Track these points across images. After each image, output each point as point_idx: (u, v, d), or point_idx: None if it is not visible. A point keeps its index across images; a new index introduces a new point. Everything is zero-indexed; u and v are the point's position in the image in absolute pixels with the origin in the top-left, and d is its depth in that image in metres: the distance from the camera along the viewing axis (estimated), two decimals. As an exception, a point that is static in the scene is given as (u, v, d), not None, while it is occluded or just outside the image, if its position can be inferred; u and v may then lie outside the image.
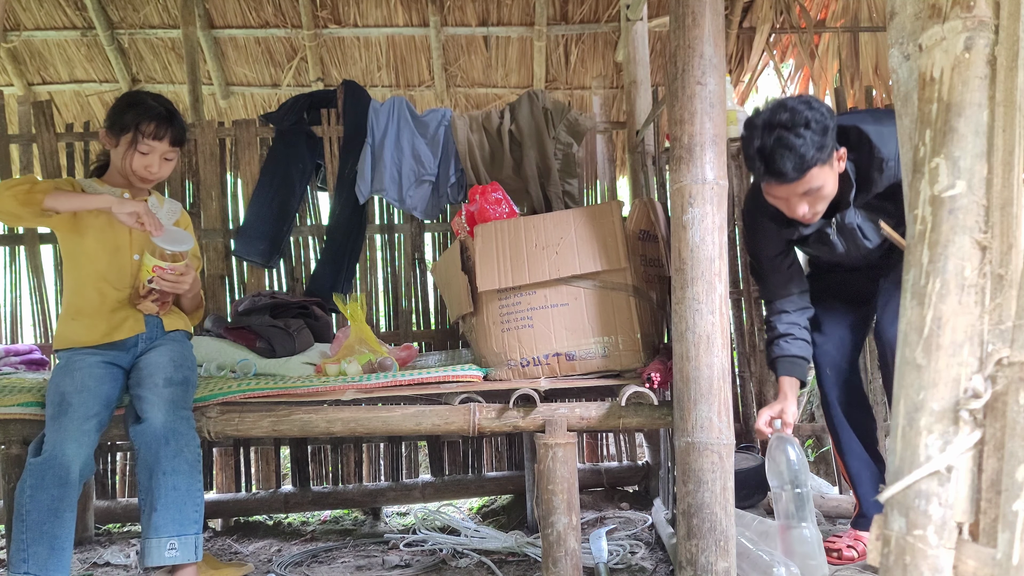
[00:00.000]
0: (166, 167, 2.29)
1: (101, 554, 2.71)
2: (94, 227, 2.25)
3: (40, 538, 1.93)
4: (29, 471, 1.98)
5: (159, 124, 2.22)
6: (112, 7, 4.41)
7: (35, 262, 3.43)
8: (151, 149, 2.23)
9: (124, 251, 2.28)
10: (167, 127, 2.24)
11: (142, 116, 2.21)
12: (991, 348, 0.84)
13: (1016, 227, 0.85)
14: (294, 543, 2.94)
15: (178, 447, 2.06)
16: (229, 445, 3.39)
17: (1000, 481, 0.79)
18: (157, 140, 2.23)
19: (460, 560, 2.58)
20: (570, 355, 2.29)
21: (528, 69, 4.69)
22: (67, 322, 2.27)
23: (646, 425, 2.25)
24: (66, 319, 2.28)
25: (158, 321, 2.33)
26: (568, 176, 3.34)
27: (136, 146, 2.22)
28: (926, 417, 0.84)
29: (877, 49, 4.47)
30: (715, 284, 1.89)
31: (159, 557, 2.01)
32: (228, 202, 3.51)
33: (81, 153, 3.51)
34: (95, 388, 2.10)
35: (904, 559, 0.83)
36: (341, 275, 3.44)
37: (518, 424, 2.19)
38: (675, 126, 1.93)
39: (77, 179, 2.34)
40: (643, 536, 2.74)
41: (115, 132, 2.25)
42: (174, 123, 2.26)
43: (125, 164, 2.24)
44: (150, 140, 2.22)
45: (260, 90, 4.80)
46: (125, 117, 2.23)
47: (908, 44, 1.06)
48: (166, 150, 2.26)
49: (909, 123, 1.04)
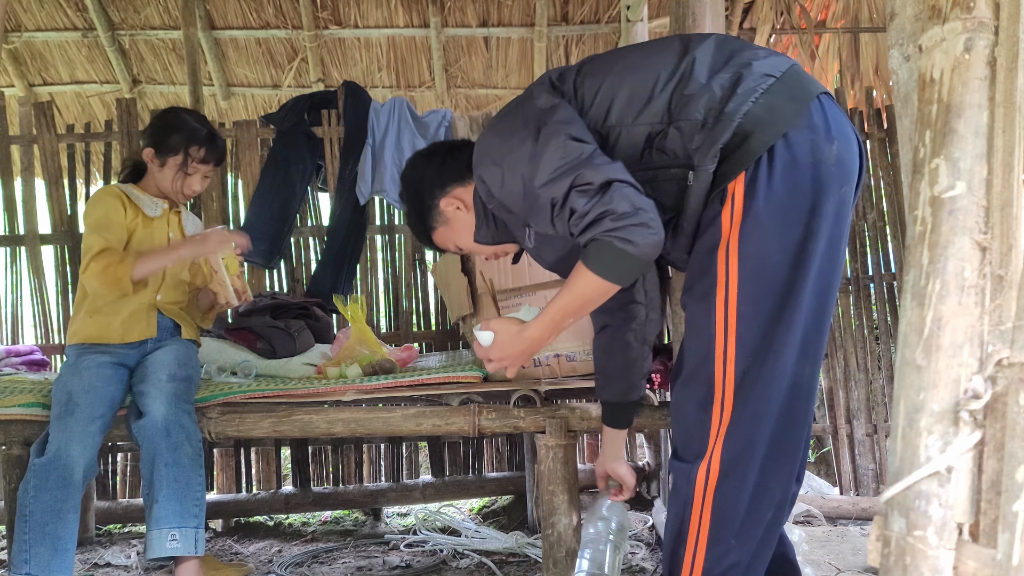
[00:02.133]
0: (204, 184, 2.39)
1: (102, 555, 2.72)
2: (139, 233, 2.31)
3: (43, 539, 1.93)
4: (33, 471, 1.98)
5: (208, 149, 2.31)
6: (113, 8, 4.41)
7: (36, 263, 3.44)
8: (196, 171, 2.32)
9: None
10: (215, 151, 2.33)
11: (191, 140, 2.29)
12: (991, 349, 0.84)
13: (1016, 228, 0.85)
14: (295, 544, 2.94)
15: (179, 440, 2.07)
16: (230, 446, 3.39)
17: (1000, 482, 0.79)
18: (206, 164, 2.33)
19: (461, 561, 2.58)
20: (570, 356, 2.29)
21: (528, 70, 4.69)
22: (84, 318, 2.29)
23: (646, 426, 2.25)
24: (84, 315, 2.30)
25: (173, 329, 2.36)
26: (568, 177, 3.34)
27: (186, 170, 2.30)
28: (926, 418, 0.84)
29: (877, 50, 4.47)
30: (715, 285, 1.89)
31: (160, 548, 2.02)
32: (229, 203, 3.51)
33: (82, 154, 3.52)
34: (102, 389, 2.11)
35: (904, 560, 0.83)
36: (342, 276, 3.44)
37: (519, 425, 2.20)
38: (675, 127, 1.92)
39: (119, 186, 2.39)
40: (643, 537, 2.74)
41: (163, 154, 2.30)
42: (219, 144, 2.35)
43: (171, 185, 2.32)
44: (198, 164, 2.31)
45: (261, 91, 4.81)
46: (172, 140, 2.29)
47: (908, 45, 1.06)
48: (208, 170, 2.36)
49: (909, 124, 1.04)
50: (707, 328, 1.46)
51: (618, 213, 1.38)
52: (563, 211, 1.45)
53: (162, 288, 2.33)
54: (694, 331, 1.50)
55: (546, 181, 1.45)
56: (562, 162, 1.43)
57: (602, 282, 1.44)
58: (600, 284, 1.45)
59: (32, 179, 3.48)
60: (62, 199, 3.42)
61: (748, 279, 1.43)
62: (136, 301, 2.28)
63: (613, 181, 1.40)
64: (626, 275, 1.46)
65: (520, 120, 1.54)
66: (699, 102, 1.45)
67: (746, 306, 1.43)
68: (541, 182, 1.46)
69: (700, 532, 1.47)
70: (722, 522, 1.45)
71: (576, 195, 1.42)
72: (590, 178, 1.40)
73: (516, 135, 1.52)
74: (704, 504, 1.46)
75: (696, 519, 1.47)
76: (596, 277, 1.43)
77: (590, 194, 1.40)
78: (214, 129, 2.38)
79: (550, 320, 1.52)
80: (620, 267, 1.43)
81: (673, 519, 1.52)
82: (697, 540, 1.47)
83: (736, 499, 1.45)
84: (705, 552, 1.46)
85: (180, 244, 2.27)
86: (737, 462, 1.44)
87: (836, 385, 3.27)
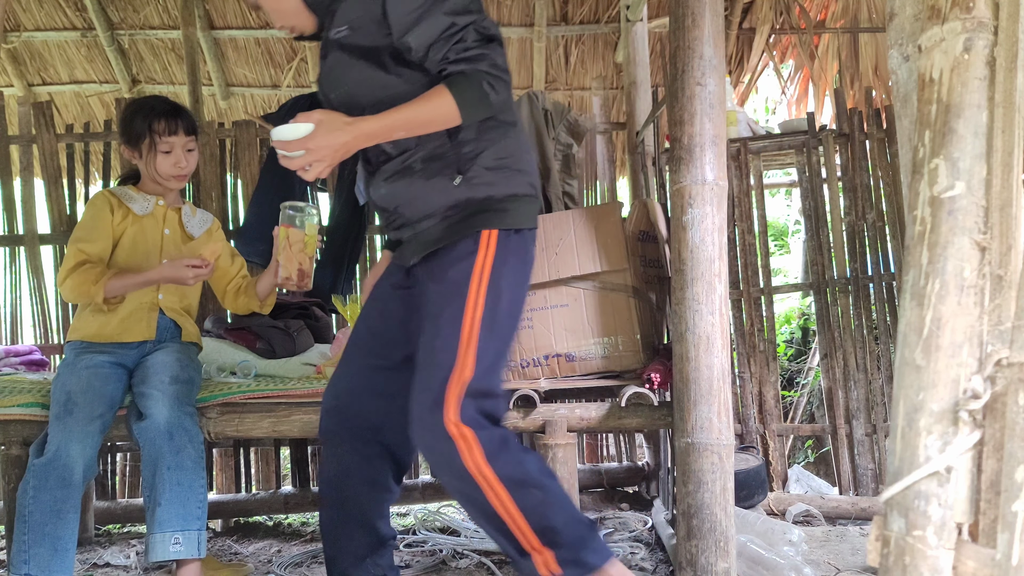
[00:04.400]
0: (191, 159, 2.32)
1: (101, 555, 2.71)
2: (129, 232, 2.30)
3: (42, 539, 1.93)
4: (32, 472, 1.98)
5: (169, 119, 2.26)
6: (112, 8, 4.41)
7: (35, 263, 3.43)
8: (171, 145, 2.26)
9: (153, 256, 2.32)
10: (177, 119, 2.27)
11: (151, 117, 2.25)
12: (990, 349, 0.84)
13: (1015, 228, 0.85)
14: (294, 544, 2.94)
15: (181, 443, 2.06)
16: (229, 446, 3.39)
17: (999, 482, 0.79)
18: (173, 135, 2.26)
19: (460, 560, 2.58)
20: (570, 356, 2.29)
21: (528, 70, 4.69)
22: (84, 316, 2.29)
23: (646, 426, 2.26)
24: (83, 313, 2.30)
25: (173, 330, 2.36)
26: (568, 177, 3.34)
27: (156, 148, 2.25)
28: (925, 418, 0.84)
29: (877, 50, 4.47)
30: (715, 285, 1.89)
31: (163, 552, 2.01)
32: (228, 203, 3.51)
33: (81, 154, 3.51)
34: (100, 388, 2.11)
35: (904, 560, 0.83)
36: (341, 276, 3.44)
37: (518, 425, 2.19)
38: (675, 127, 1.93)
39: (114, 188, 2.38)
40: (643, 537, 2.74)
41: (132, 143, 2.28)
42: (182, 114, 2.30)
43: (153, 170, 2.29)
44: (167, 137, 2.25)
45: (260, 91, 4.80)
46: (135, 125, 2.26)
47: (907, 45, 1.06)
48: (185, 141, 2.29)
49: (908, 124, 1.04)
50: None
51: (497, 64, 1.58)
52: (454, 36, 1.56)
53: (163, 288, 2.33)
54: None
55: (456, 9, 1.57)
56: (473, 4, 1.60)
57: (455, 111, 1.55)
58: (451, 112, 1.55)
59: (31, 179, 3.47)
60: (61, 199, 3.42)
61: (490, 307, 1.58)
62: (136, 301, 2.28)
63: (499, 39, 1.61)
64: (474, 115, 1.58)
65: None
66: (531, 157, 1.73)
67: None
68: (451, 8, 1.57)
69: None
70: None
71: (473, 31, 1.57)
72: (488, 26, 1.60)
73: None
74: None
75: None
76: (453, 105, 1.54)
77: (483, 37, 1.58)
78: (177, 104, 2.33)
79: (389, 124, 1.56)
80: (476, 105, 1.56)
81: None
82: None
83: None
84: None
85: (155, 270, 2.22)
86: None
87: (835, 385, 3.27)
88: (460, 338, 1.55)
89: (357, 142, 1.56)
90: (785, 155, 3.53)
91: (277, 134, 1.54)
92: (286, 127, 1.53)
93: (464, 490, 1.55)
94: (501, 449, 1.53)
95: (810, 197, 3.38)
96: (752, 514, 2.35)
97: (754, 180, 3.43)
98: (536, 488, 1.54)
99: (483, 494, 1.52)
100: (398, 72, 1.63)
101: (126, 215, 2.30)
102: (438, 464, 1.57)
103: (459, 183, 1.63)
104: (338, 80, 1.70)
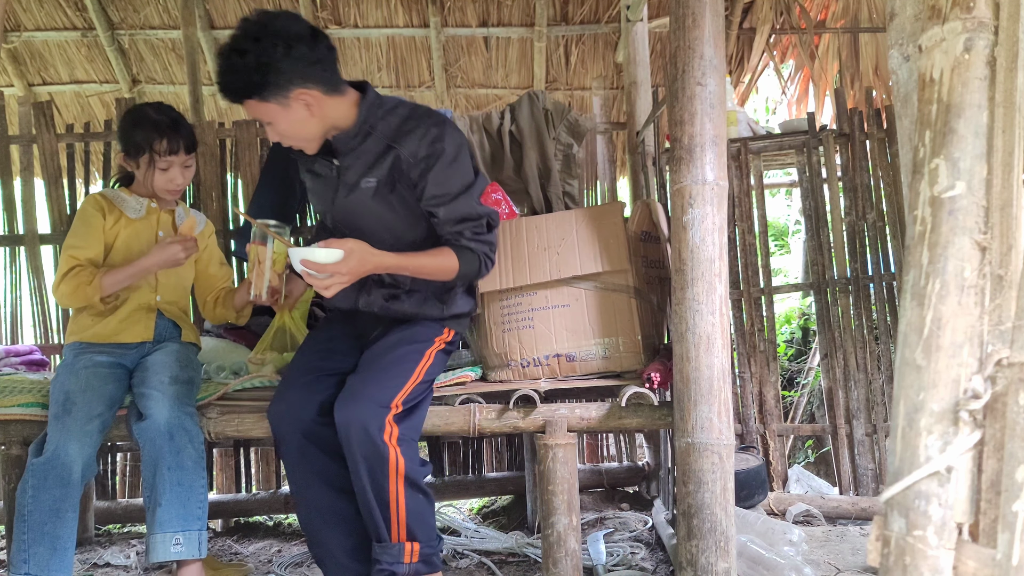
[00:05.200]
0: (188, 174, 2.32)
1: (101, 555, 2.71)
2: (122, 236, 2.30)
3: (41, 539, 1.93)
4: (31, 471, 1.98)
5: (170, 139, 2.24)
6: (112, 8, 4.41)
7: (35, 263, 3.43)
8: (169, 164, 2.26)
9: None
10: (178, 139, 2.26)
11: (152, 135, 2.23)
12: (991, 349, 0.84)
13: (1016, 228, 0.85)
14: (294, 544, 2.94)
15: (182, 443, 2.06)
16: (229, 446, 3.39)
17: (1000, 482, 0.79)
18: (173, 155, 2.26)
19: (460, 560, 2.58)
20: (571, 356, 2.29)
21: (528, 70, 4.69)
22: (82, 317, 2.29)
23: (646, 426, 2.25)
24: (80, 313, 2.30)
25: (172, 331, 2.36)
26: (568, 177, 3.34)
27: (155, 165, 2.25)
28: (926, 418, 0.84)
29: (877, 50, 4.47)
30: (715, 285, 1.89)
31: (164, 552, 2.02)
32: (228, 203, 3.51)
33: (81, 154, 3.51)
34: (99, 388, 2.11)
35: (904, 560, 0.83)
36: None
37: (518, 425, 2.19)
38: (675, 127, 1.93)
39: (105, 191, 2.38)
40: (643, 537, 2.74)
41: (131, 155, 2.28)
42: (183, 132, 2.27)
43: (148, 183, 2.29)
44: (166, 156, 2.25)
45: (260, 91, 4.80)
46: (135, 139, 2.25)
47: (908, 45, 1.06)
48: (184, 160, 2.29)
49: (909, 124, 1.04)
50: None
51: (494, 248, 2.09)
52: (475, 221, 2.02)
53: (161, 289, 2.33)
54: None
55: (478, 196, 2.04)
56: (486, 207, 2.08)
57: (454, 273, 1.99)
58: (451, 272, 1.99)
59: (31, 179, 3.47)
60: (61, 199, 3.42)
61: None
62: (135, 302, 2.28)
63: (498, 226, 2.10)
64: (464, 281, 2.10)
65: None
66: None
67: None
68: (477, 194, 2.04)
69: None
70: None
71: (487, 221, 2.04)
72: (495, 218, 2.08)
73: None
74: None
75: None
76: (455, 269, 1.99)
77: (491, 227, 2.06)
78: (178, 116, 2.30)
79: (403, 265, 1.95)
80: (469, 276, 2.05)
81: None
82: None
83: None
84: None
85: (145, 257, 2.21)
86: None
87: (836, 385, 3.27)
88: (412, 375, 1.98)
89: (376, 271, 1.94)
90: (785, 155, 3.53)
91: (310, 255, 1.78)
92: (320, 251, 1.79)
93: (374, 463, 1.84)
94: (413, 451, 1.91)
95: (810, 197, 3.38)
96: (752, 514, 2.35)
97: (754, 180, 3.43)
98: (422, 494, 1.92)
99: (388, 477, 1.84)
100: (409, 224, 2.04)
101: (118, 218, 2.30)
102: (362, 438, 1.83)
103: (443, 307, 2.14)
104: (353, 213, 2.05)
